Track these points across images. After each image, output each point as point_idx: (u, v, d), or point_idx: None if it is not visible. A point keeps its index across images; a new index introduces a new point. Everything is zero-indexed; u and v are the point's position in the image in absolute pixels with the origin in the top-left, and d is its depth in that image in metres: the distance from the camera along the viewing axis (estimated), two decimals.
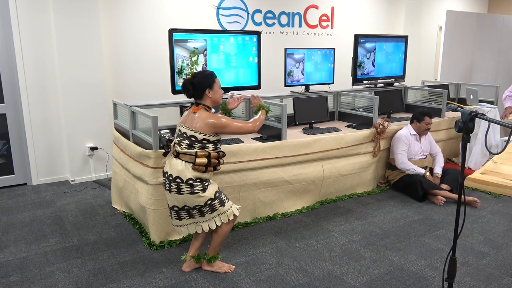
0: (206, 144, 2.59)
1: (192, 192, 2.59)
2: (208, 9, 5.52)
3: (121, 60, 4.98)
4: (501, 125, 4.88)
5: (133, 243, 3.26)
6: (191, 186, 2.58)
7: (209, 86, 2.63)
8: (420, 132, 4.34)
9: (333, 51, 4.77)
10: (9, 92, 4.51)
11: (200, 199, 2.61)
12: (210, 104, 2.67)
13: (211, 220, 2.69)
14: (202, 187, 2.60)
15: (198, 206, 2.63)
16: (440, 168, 4.38)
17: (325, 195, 4.12)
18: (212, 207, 2.66)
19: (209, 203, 2.64)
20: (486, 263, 2.98)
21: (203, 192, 2.60)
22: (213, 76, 2.67)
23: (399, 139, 4.31)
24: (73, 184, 4.75)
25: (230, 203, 2.76)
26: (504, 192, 4.33)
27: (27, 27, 4.40)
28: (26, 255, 3.08)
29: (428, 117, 4.30)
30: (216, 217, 2.69)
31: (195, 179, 2.58)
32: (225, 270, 2.84)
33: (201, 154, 2.57)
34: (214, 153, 2.62)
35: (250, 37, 4.06)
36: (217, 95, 2.67)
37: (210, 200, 2.64)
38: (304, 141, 3.78)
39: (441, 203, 4.05)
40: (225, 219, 2.71)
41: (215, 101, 2.68)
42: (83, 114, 4.71)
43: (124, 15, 4.92)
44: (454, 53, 7.17)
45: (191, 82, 2.62)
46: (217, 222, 2.70)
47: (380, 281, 2.75)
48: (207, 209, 2.66)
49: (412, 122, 4.40)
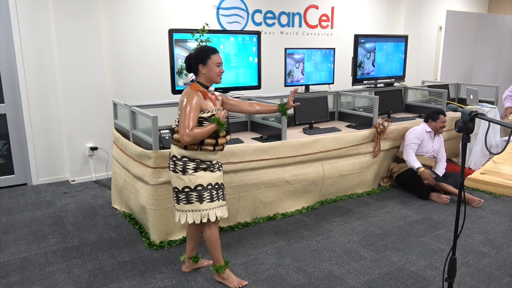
0: None
1: (174, 170, 2.50)
2: (208, 9, 5.52)
3: (121, 60, 4.98)
4: (501, 125, 4.88)
5: (133, 243, 3.26)
6: (174, 164, 2.50)
7: (202, 62, 2.48)
8: (436, 130, 4.38)
9: (333, 51, 4.77)
10: (9, 92, 4.51)
11: (178, 181, 2.49)
12: (204, 81, 2.52)
13: (183, 213, 2.53)
14: (182, 168, 2.46)
15: (176, 189, 2.52)
16: (441, 173, 4.37)
17: (325, 195, 4.12)
18: (188, 198, 2.50)
19: (186, 191, 2.49)
20: (486, 263, 2.98)
21: (182, 174, 2.47)
22: (210, 52, 2.50)
23: (414, 134, 4.33)
24: (73, 184, 4.75)
25: (213, 204, 2.53)
26: (504, 192, 4.33)
27: (27, 27, 4.40)
28: (26, 255, 3.08)
29: (442, 116, 4.37)
30: (188, 212, 2.52)
31: (179, 157, 2.48)
32: (234, 285, 2.66)
33: (176, 128, 2.51)
34: None
35: (250, 37, 4.06)
36: (212, 72, 2.49)
37: (188, 188, 2.48)
38: (304, 141, 3.78)
39: (446, 202, 4.05)
40: (197, 218, 2.51)
41: (210, 78, 2.52)
42: (83, 114, 4.71)
43: (124, 15, 4.92)
44: (454, 53, 7.17)
45: (189, 57, 2.54)
46: (189, 219, 2.52)
47: (380, 281, 2.75)
48: (182, 197, 2.51)
49: (427, 121, 4.42)
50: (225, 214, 2.61)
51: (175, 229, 3.28)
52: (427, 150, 4.39)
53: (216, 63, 2.50)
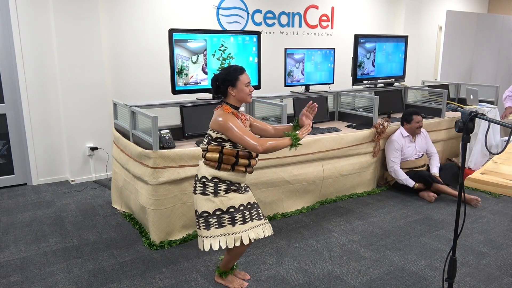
0: (221, 143, 2.39)
1: (203, 193, 2.40)
2: (208, 9, 5.52)
3: (121, 60, 4.98)
4: (501, 125, 4.88)
5: (133, 243, 3.26)
6: (203, 185, 2.40)
7: (232, 84, 2.41)
8: (412, 132, 4.32)
9: (333, 51, 4.77)
10: (9, 92, 4.51)
11: (208, 204, 2.39)
12: (234, 102, 2.44)
13: (215, 238, 2.40)
14: (214, 189, 2.38)
15: (205, 213, 2.40)
16: (437, 167, 4.38)
17: (325, 195, 4.12)
18: (220, 221, 2.39)
19: (218, 214, 2.39)
20: (486, 263, 2.98)
21: (214, 196, 2.38)
22: (237, 73, 2.41)
23: (391, 145, 4.29)
24: (73, 184, 4.75)
25: (246, 225, 2.43)
26: (504, 192, 4.33)
27: (27, 27, 4.40)
28: (26, 255, 3.08)
29: (416, 115, 4.28)
30: (221, 237, 2.40)
31: (210, 178, 2.39)
32: (235, 286, 2.65)
33: (212, 148, 2.39)
34: (230, 150, 2.38)
35: (250, 37, 4.06)
36: (242, 93, 2.42)
37: (220, 211, 2.39)
38: (304, 141, 3.75)
39: (432, 200, 4.06)
40: (230, 242, 2.40)
41: (240, 99, 2.44)
42: (83, 114, 4.71)
43: (124, 15, 4.92)
44: (454, 53, 7.17)
45: (216, 79, 2.44)
46: (221, 244, 2.40)
47: (380, 281, 2.75)
48: (213, 221, 2.40)
49: (403, 124, 4.39)
50: (260, 235, 2.48)
51: (175, 229, 3.28)
52: (410, 154, 4.35)
53: (245, 84, 2.42)
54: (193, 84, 3.79)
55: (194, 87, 3.80)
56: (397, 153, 4.26)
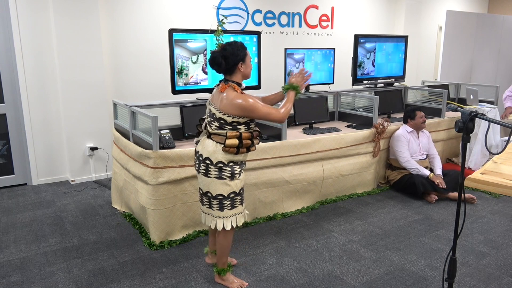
0: (236, 126, 2.39)
1: (220, 177, 2.41)
2: (208, 9, 5.52)
3: (121, 60, 4.98)
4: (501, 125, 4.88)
5: (133, 243, 3.26)
6: (220, 170, 2.41)
7: (242, 59, 2.38)
8: (418, 127, 4.36)
9: (333, 51, 4.76)
10: (9, 92, 4.51)
11: (225, 188, 2.43)
12: (240, 80, 2.44)
13: (227, 219, 2.50)
14: (231, 173, 2.41)
15: (220, 196, 2.44)
16: (440, 169, 4.38)
17: (325, 195, 4.11)
18: (233, 203, 2.48)
19: (232, 197, 2.46)
20: (486, 263, 2.98)
21: (230, 180, 2.42)
22: (245, 48, 2.42)
23: (398, 138, 4.32)
24: (73, 184, 4.75)
25: (243, 206, 2.58)
26: (504, 192, 4.33)
27: (27, 27, 4.40)
28: (26, 255, 3.08)
29: (418, 111, 4.35)
30: (232, 217, 2.51)
31: (227, 163, 2.41)
32: (234, 286, 2.65)
33: (231, 135, 2.37)
34: (246, 133, 2.40)
35: (250, 37, 4.06)
36: (249, 69, 2.45)
37: (234, 193, 2.46)
38: (304, 141, 3.78)
39: (433, 201, 4.06)
40: (240, 220, 2.54)
41: (246, 75, 2.46)
42: (83, 114, 4.71)
43: (124, 15, 4.92)
44: (454, 53, 7.17)
45: (223, 55, 2.36)
46: (233, 223, 2.51)
47: (380, 281, 2.75)
48: (227, 203, 2.46)
49: (406, 121, 4.41)
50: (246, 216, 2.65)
51: (175, 229, 3.28)
52: (414, 151, 4.36)
53: (251, 59, 2.47)
54: (193, 84, 3.79)
55: (194, 87, 3.80)
56: (405, 145, 4.29)
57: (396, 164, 4.39)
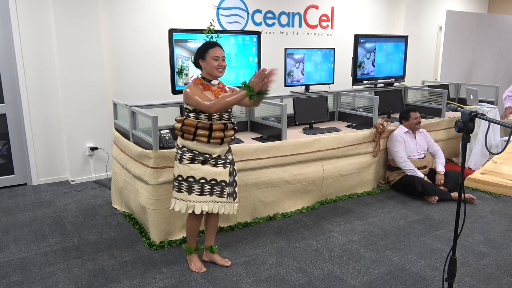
0: (187, 113, 2.61)
1: (175, 158, 2.66)
2: (208, 9, 5.52)
3: (121, 60, 4.98)
4: (501, 125, 4.88)
5: (133, 243, 3.26)
6: (176, 152, 2.67)
7: (201, 57, 2.61)
8: (412, 127, 4.36)
9: (333, 51, 4.76)
10: (9, 92, 4.51)
11: (175, 169, 2.65)
12: (205, 75, 2.64)
13: (173, 200, 2.69)
14: (180, 157, 2.61)
15: (173, 175, 2.68)
16: (442, 165, 4.36)
17: (325, 195, 4.11)
18: (179, 186, 2.64)
19: (179, 180, 2.63)
20: (486, 263, 2.98)
21: (179, 163, 2.62)
22: (208, 46, 2.59)
23: (395, 138, 4.32)
24: (73, 184, 4.75)
25: (202, 197, 2.60)
26: (504, 192, 4.33)
27: (27, 27, 4.40)
28: (26, 255, 3.08)
29: (413, 112, 4.35)
30: (177, 200, 2.66)
31: (180, 146, 2.64)
32: (191, 267, 2.85)
33: (178, 119, 2.65)
34: (189, 121, 2.58)
35: (250, 37, 4.06)
36: (209, 66, 2.58)
37: (181, 177, 2.62)
38: (304, 141, 3.78)
39: (433, 202, 4.06)
40: (183, 208, 2.63)
41: (209, 72, 2.60)
42: (83, 114, 4.71)
43: (124, 15, 4.92)
44: (454, 53, 7.17)
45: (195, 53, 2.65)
46: (175, 206, 2.66)
47: (380, 281, 2.75)
48: (175, 184, 2.65)
49: (401, 122, 4.42)
50: (214, 209, 2.65)
51: (175, 229, 3.28)
52: (412, 150, 4.35)
53: (213, 57, 2.57)
54: None
55: None
56: (401, 145, 4.29)
57: (395, 165, 4.39)
